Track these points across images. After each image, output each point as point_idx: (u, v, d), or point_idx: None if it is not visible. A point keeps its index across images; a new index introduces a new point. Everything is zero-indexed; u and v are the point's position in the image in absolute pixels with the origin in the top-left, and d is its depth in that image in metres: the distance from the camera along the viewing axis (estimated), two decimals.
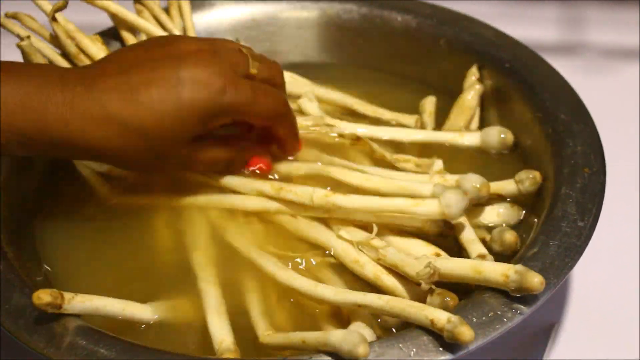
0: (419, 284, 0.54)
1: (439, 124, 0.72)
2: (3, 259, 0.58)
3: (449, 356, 0.50)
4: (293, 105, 0.67)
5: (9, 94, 0.53)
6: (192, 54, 0.57)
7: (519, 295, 0.52)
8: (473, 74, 0.74)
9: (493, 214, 0.63)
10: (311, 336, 0.52)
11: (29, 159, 0.68)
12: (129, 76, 0.56)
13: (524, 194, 0.63)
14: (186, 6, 0.78)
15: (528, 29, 0.85)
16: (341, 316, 0.57)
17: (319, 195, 0.60)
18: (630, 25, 0.94)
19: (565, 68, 0.72)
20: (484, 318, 0.52)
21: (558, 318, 0.65)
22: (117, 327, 0.55)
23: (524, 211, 0.63)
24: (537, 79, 0.70)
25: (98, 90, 0.55)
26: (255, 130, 0.64)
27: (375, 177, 0.62)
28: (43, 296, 0.53)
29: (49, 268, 0.62)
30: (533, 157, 0.67)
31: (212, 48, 0.58)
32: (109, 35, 0.77)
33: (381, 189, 0.60)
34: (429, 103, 0.74)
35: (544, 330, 0.64)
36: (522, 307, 0.52)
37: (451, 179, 0.60)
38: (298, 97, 0.73)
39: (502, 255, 0.59)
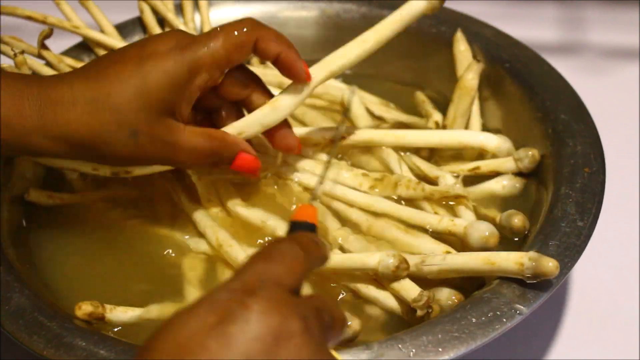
0: (414, 310, 0.54)
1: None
2: (3, 260, 0.58)
3: (448, 356, 0.50)
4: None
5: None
6: None
7: (519, 294, 0.53)
8: (459, 39, 0.74)
9: (498, 187, 0.65)
10: None
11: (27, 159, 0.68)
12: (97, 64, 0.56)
13: (523, 171, 0.64)
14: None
15: (528, 29, 0.85)
16: None
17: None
18: (630, 25, 0.94)
19: (565, 68, 0.72)
20: (483, 318, 0.52)
21: (558, 318, 0.65)
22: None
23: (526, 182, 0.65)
24: (537, 79, 0.70)
25: (68, 78, 0.56)
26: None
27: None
28: (85, 307, 0.54)
29: (44, 271, 0.62)
30: None
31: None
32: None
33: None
34: (420, 95, 0.76)
35: (544, 330, 0.64)
36: (522, 307, 0.52)
37: (460, 224, 0.60)
38: (321, 94, 0.74)
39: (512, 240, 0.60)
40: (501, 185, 0.65)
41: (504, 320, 0.52)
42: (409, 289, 0.55)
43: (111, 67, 0.55)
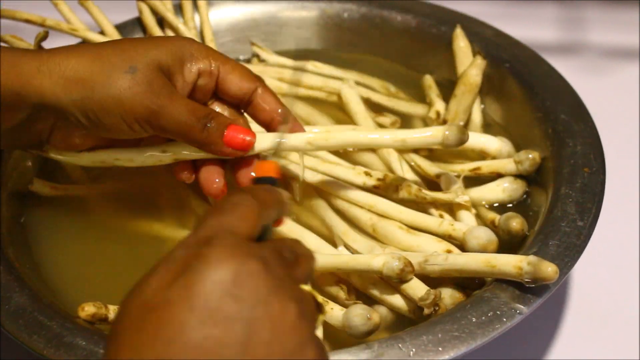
0: (421, 308, 0.55)
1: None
2: (3, 260, 0.58)
3: (448, 356, 0.50)
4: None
5: None
6: None
7: (519, 294, 0.53)
8: (459, 35, 0.74)
9: (498, 191, 0.64)
10: None
11: (28, 156, 0.68)
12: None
13: (524, 174, 0.64)
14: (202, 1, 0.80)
15: (528, 29, 0.85)
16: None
17: None
18: (630, 25, 0.94)
19: (565, 68, 0.72)
20: (483, 318, 0.52)
21: (558, 318, 0.65)
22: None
23: (527, 184, 0.65)
24: (537, 79, 0.70)
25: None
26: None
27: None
28: (87, 308, 0.54)
29: (44, 270, 0.62)
30: None
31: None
32: None
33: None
34: (428, 79, 0.76)
35: (544, 330, 0.64)
36: (522, 307, 0.52)
37: (459, 228, 0.60)
38: (320, 87, 0.75)
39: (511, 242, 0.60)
40: (502, 189, 0.64)
41: (504, 319, 0.52)
42: (416, 288, 0.55)
43: None
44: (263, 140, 0.57)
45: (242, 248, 0.38)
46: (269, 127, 0.60)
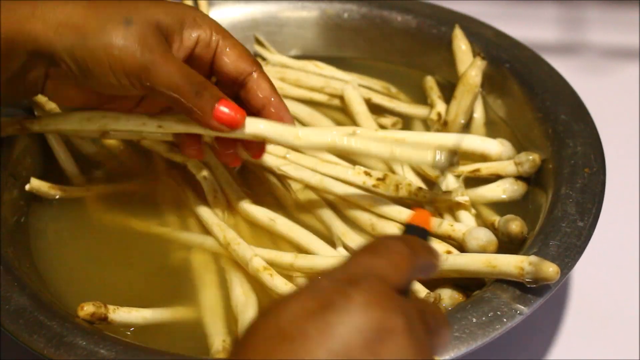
0: None
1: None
2: (3, 260, 0.58)
3: (448, 356, 0.50)
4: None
5: None
6: None
7: (520, 294, 0.53)
8: (457, 35, 0.74)
9: (499, 191, 0.64)
10: None
11: (27, 157, 0.68)
12: None
13: (524, 175, 0.64)
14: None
15: (528, 29, 0.85)
16: None
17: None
18: (630, 25, 0.94)
19: (565, 68, 0.72)
20: (483, 318, 0.52)
21: (558, 318, 0.65)
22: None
23: (527, 185, 0.65)
24: (537, 79, 0.70)
25: None
26: None
27: None
28: (87, 307, 0.54)
29: (44, 270, 0.62)
30: None
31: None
32: None
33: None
34: (430, 81, 0.76)
35: (544, 330, 0.64)
36: (522, 307, 0.52)
37: (459, 229, 0.60)
38: (322, 88, 0.75)
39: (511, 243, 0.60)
40: (502, 190, 0.64)
41: (505, 320, 0.52)
42: (416, 290, 0.55)
43: None
44: (252, 124, 0.56)
45: (390, 299, 0.36)
46: (260, 114, 0.58)
